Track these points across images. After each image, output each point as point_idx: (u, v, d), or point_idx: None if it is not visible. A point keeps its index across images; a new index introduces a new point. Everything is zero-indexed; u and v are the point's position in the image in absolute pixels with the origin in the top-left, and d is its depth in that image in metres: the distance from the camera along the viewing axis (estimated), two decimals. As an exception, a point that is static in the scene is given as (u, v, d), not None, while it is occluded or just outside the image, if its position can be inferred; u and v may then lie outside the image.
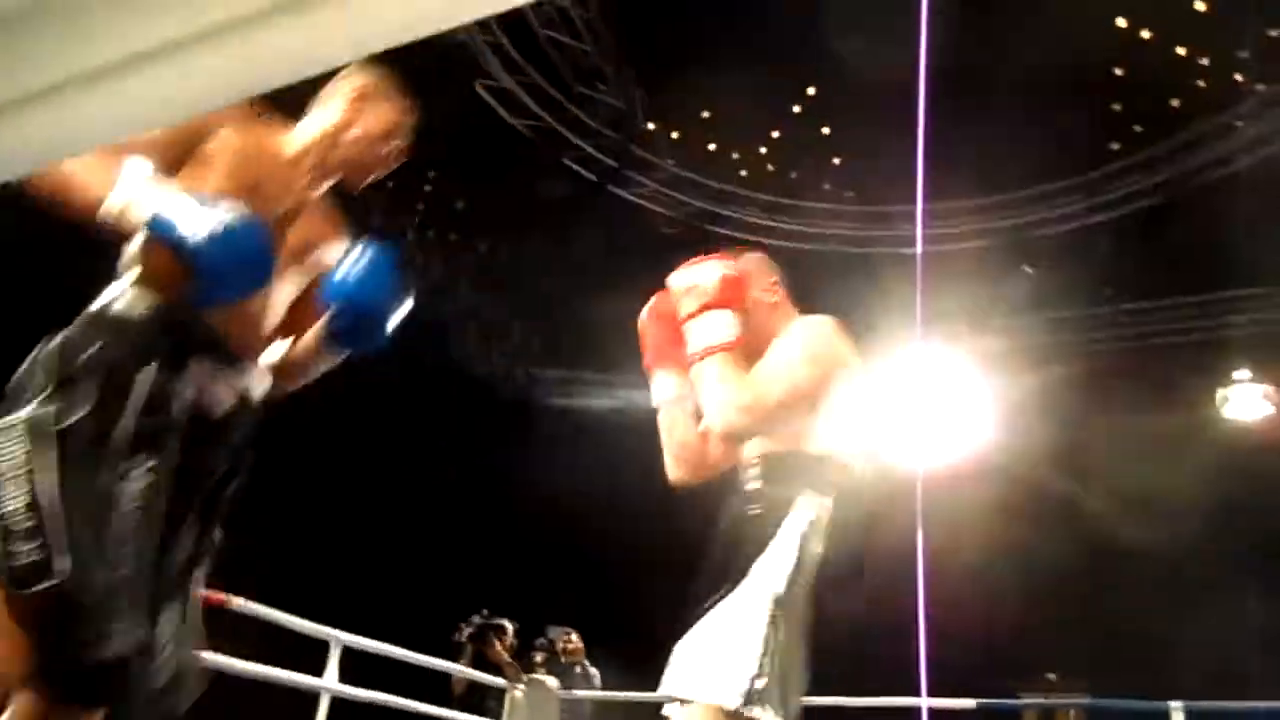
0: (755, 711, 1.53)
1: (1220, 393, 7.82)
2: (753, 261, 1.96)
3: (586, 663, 6.52)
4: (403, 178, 8.45)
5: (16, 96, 0.49)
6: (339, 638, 4.82)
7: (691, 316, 1.69)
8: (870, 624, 7.06)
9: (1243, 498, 8.08)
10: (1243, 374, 7.77)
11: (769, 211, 9.02)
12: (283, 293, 1.59)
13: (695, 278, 1.73)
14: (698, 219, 8.95)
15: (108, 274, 1.47)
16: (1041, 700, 10.34)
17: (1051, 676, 10.48)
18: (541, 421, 9.80)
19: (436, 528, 8.88)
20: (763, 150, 9.10)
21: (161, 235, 1.35)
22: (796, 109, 8.67)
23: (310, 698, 4.74)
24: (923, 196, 7.87)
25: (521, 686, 6.07)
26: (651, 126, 8.83)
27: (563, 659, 6.40)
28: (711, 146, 9.04)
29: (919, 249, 7.89)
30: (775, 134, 8.95)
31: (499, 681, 6.04)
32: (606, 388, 9.97)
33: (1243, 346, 7.81)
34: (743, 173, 9.11)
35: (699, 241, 8.86)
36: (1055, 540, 8.76)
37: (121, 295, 1.42)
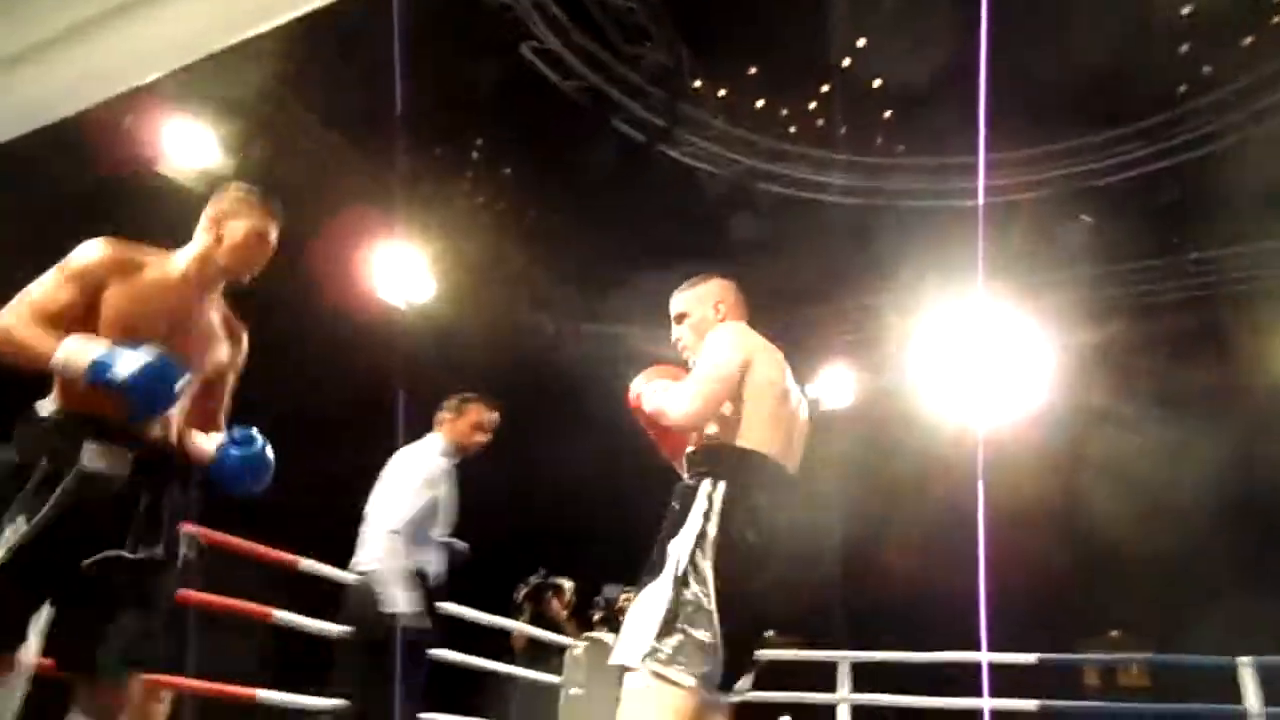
0: (662, 669, 1.89)
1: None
2: (713, 285, 2.48)
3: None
4: (450, 145, 8.51)
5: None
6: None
7: (640, 399, 2.26)
8: (931, 580, 7.03)
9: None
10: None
11: (820, 168, 8.89)
12: (191, 387, 2.02)
13: (636, 384, 2.30)
14: (748, 177, 8.85)
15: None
16: (1103, 656, 10.26)
17: (1114, 633, 10.35)
18: (593, 384, 9.86)
19: (494, 488, 9.01)
20: (812, 105, 8.94)
21: (99, 378, 1.81)
22: (846, 62, 8.49)
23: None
24: (984, 147, 7.70)
25: (580, 644, 6.18)
26: (699, 84, 8.73)
27: (620, 617, 6.47)
28: (760, 103, 8.91)
29: (980, 200, 7.74)
30: (824, 88, 8.78)
31: (558, 639, 6.15)
32: (656, 348, 9.98)
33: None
34: (792, 129, 8.96)
35: (750, 202, 8.79)
36: (1119, 495, 8.60)
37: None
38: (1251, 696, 4.66)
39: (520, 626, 6.03)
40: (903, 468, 8.90)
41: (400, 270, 8.23)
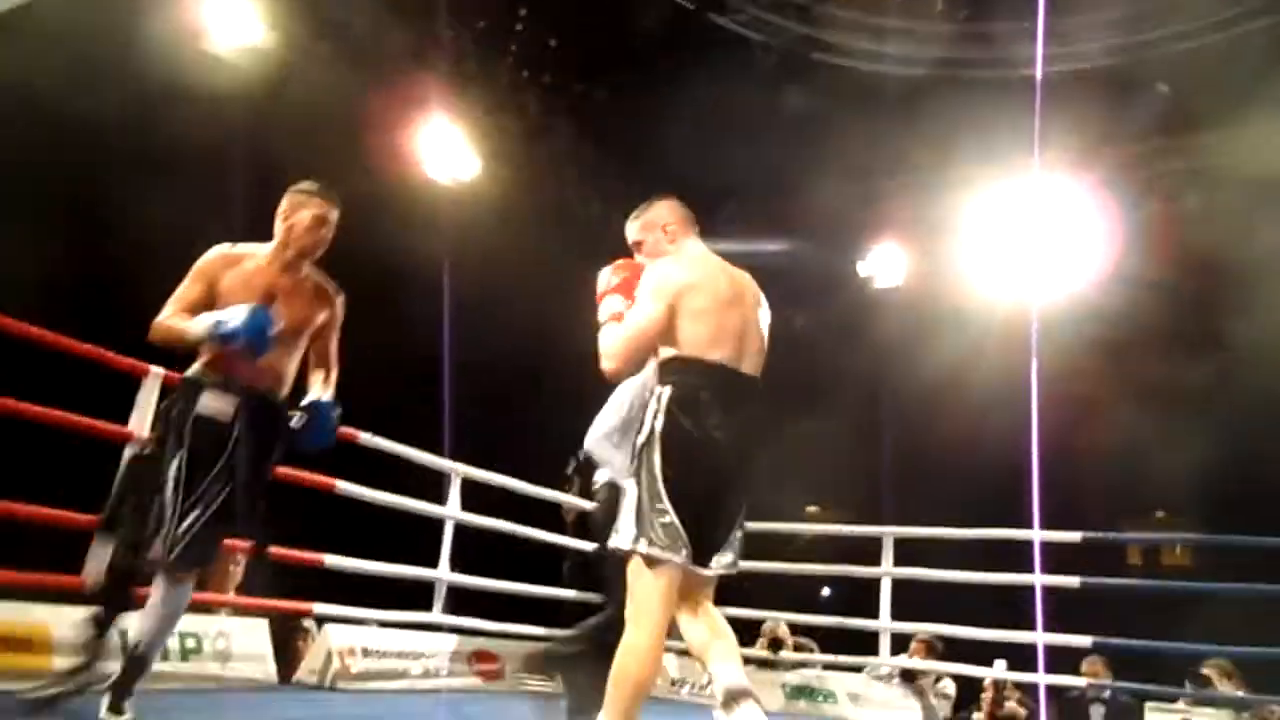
0: (647, 551, 2.23)
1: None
2: (657, 211, 2.74)
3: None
4: (493, 19, 8.25)
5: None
6: (458, 469, 5.11)
7: (599, 298, 2.53)
8: (982, 459, 7.07)
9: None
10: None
11: (876, 37, 8.48)
12: (294, 347, 2.80)
13: (602, 278, 2.56)
14: (802, 47, 8.48)
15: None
16: (1148, 535, 10.33)
17: (1160, 514, 10.39)
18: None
19: (544, 368, 9.15)
20: (869, -32, 8.47)
21: (216, 332, 2.56)
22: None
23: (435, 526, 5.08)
24: (1044, 11, 7.26)
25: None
26: (749, -53, 8.30)
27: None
28: (814, -34, 8.46)
29: (1039, 70, 7.35)
30: (882, -51, 8.30)
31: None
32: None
33: None
34: (847, -5, 8.52)
35: (802, 73, 8.45)
36: (1170, 376, 8.47)
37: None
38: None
39: (570, 499, 6.22)
40: (954, 347, 8.82)
41: (445, 147, 8.15)
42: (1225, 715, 4.96)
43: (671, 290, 2.37)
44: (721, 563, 2.37)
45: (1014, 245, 8.11)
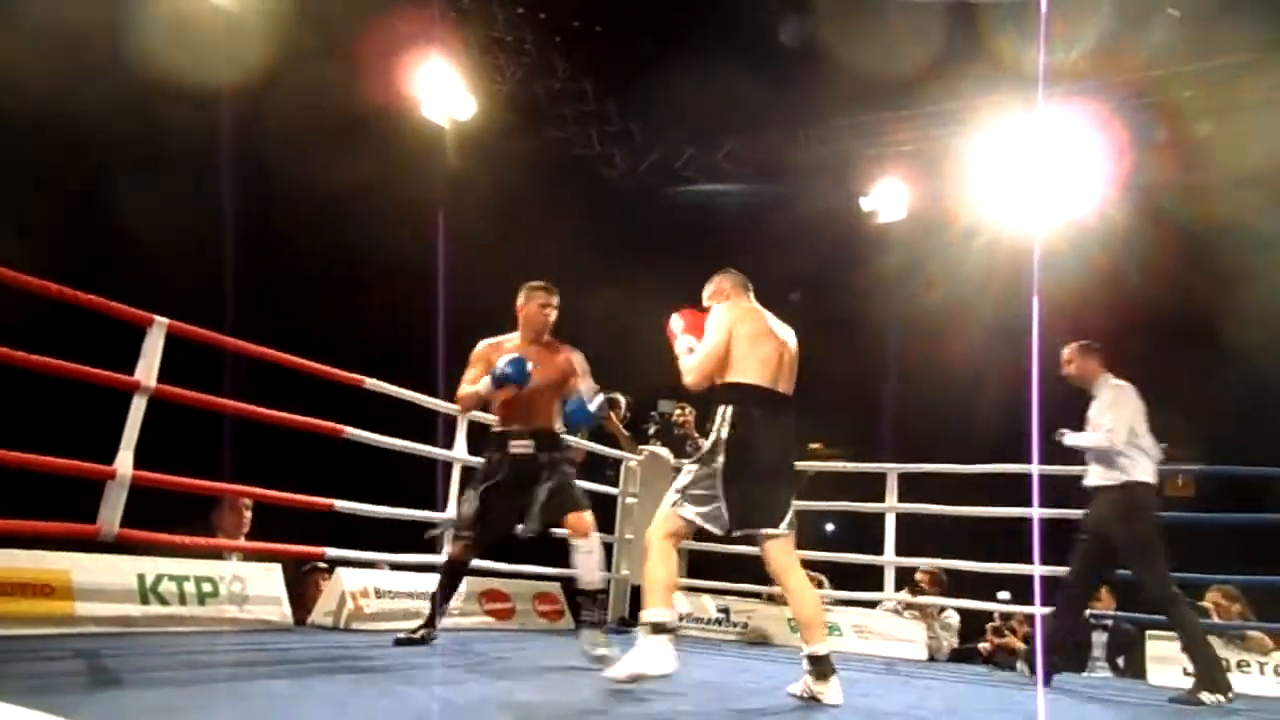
0: (676, 508, 3.22)
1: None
2: (718, 282, 3.57)
3: (697, 434, 6.79)
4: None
5: None
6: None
7: (672, 337, 3.49)
8: (984, 392, 7.07)
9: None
10: None
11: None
12: (552, 395, 4.10)
13: (674, 323, 3.49)
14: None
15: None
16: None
17: (1163, 445, 10.42)
18: (645, 199, 9.73)
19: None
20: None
21: (494, 378, 3.86)
22: None
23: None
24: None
25: (637, 457, 6.40)
26: None
27: (675, 431, 6.67)
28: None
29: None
30: None
31: (615, 453, 6.38)
32: (709, 155, 9.73)
33: None
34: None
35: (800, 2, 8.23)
36: (1173, 305, 8.44)
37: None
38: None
39: (578, 441, 6.24)
40: (956, 281, 8.77)
41: (441, 87, 8.01)
42: (1223, 640, 5.04)
43: (727, 324, 3.29)
44: (746, 531, 3.23)
45: (1017, 176, 8.01)
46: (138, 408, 3.59)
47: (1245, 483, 5.76)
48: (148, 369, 3.62)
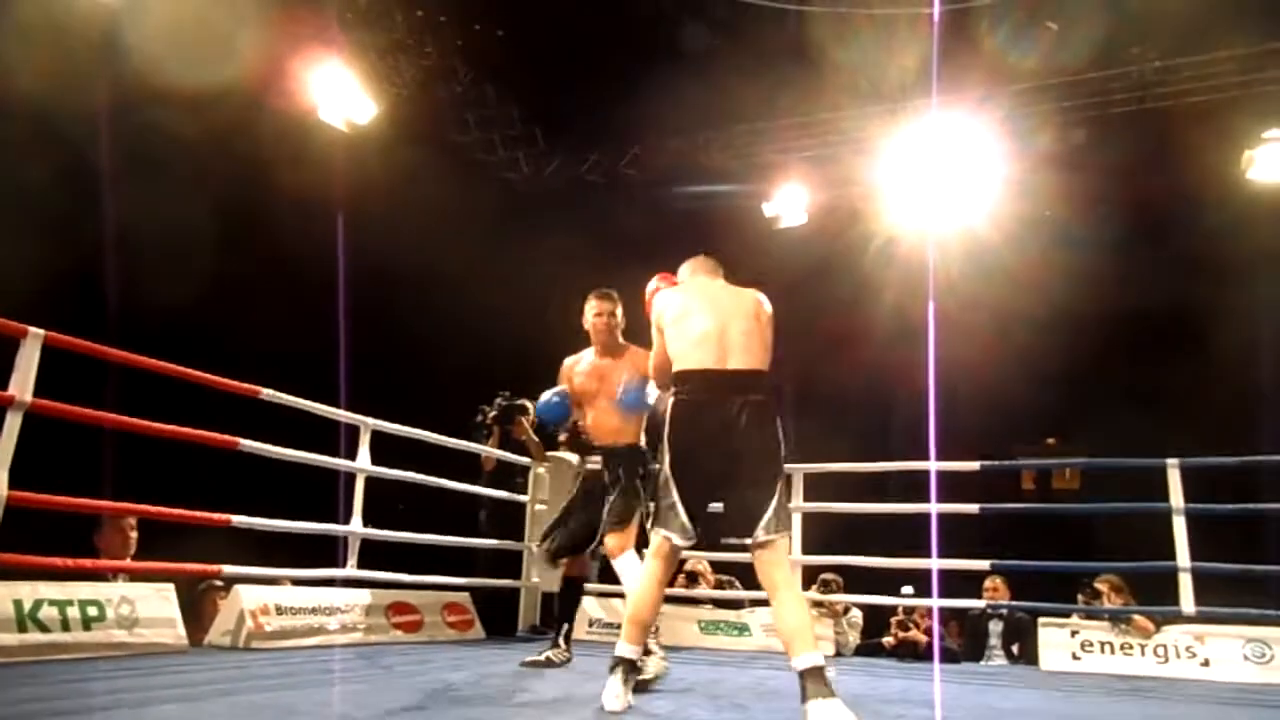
0: (656, 528, 2.93)
1: (1247, 154, 7.57)
2: (681, 269, 3.43)
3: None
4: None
5: None
6: (368, 423, 5.01)
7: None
8: (886, 392, 7.27)
9: (1260, 260, 8.05)
10: (1273, 133, 7.48)
11: (779, -26, 8.42)
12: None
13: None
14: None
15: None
16: (1040, 461, 10.86)
17: (1050, 440, 10.91)
18: (551, 205, 9.69)
19: (452, 312, 9.00)
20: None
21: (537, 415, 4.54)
22: None
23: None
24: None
25: (544, 465, 6.36)
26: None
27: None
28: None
29: (936, 9, 7.43)
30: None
31: (524, 460, 6.32)
32: (619, 166, 9.76)
33: (1276, 102, 7.49)
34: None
35: (703, 8, 8.32)
36: (1059, 306, 8.84)
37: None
38: (1176, 494, 5.00)
39: (485, 449, 6.17)
40: (856, 283, 9.00)
41: (340, 90, 7.81)
42: (1108, 626, 5.30)
43: (655, 319, 3.16)
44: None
45: (914, 181, 8.27)
46: (12, 424, 3.38)
47: (1129, 474, 6.06)
48: (22, 383, 3.42)
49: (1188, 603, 4.86)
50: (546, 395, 4.17)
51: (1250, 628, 4.98)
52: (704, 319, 2.94)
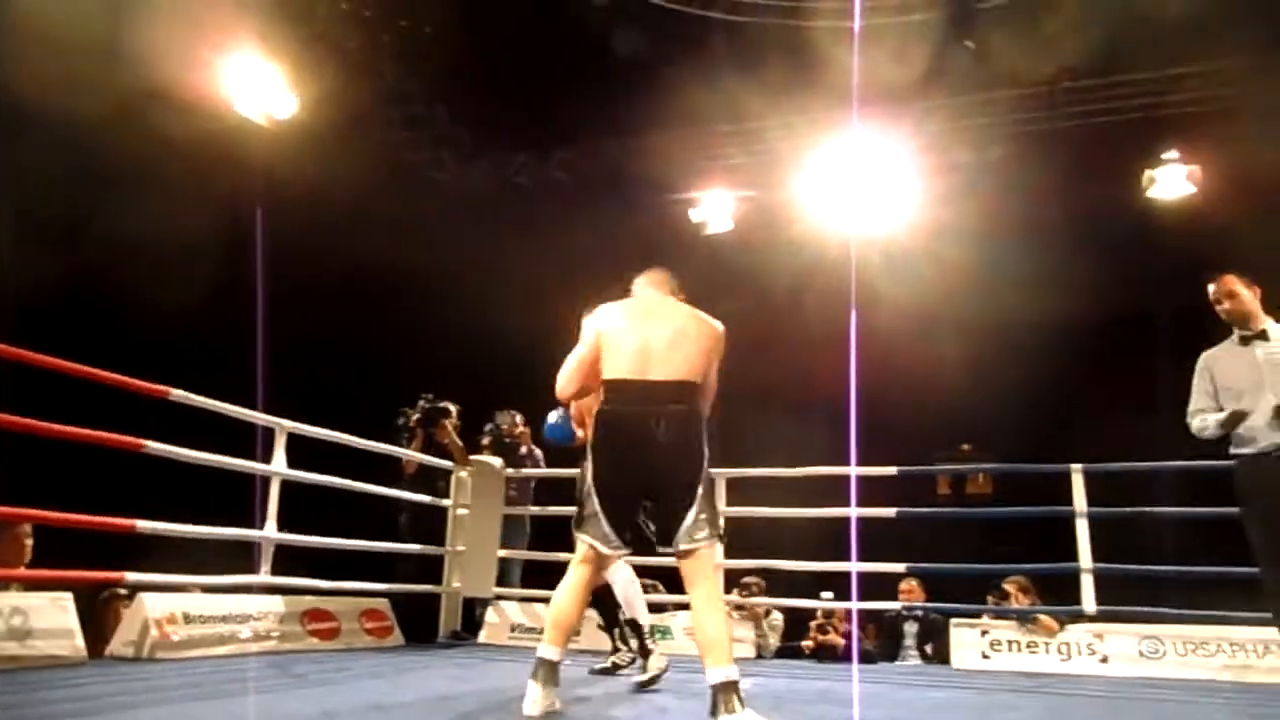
0: (580, 535, 2.97)
1: (1148, 174, 7.93)
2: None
3: (532, 445, 6.74)
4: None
5: None
6: (283, 425, 4.89)
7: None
8: (808, 398, 7.37)
9: (1157, 277, 8.44)
10: (1171, 154, 7.85)
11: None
12: None
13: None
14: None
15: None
16: (955, 466, 11.18)
17: (966, 446, 11.25)
18: (475, 207, 9.60)
19: (379, 316, 8.86)
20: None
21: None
22: None
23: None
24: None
25: (467, 469, 6.29)
26: None
27: (507, 440, 6.59)
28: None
29: (857, 23, 7.60)
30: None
31: (447, 464, 6.25)
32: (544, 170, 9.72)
33: (1175, 126, 7.86)
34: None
35: (633, 15, 8.36)
36: (974, 315, 9.12)
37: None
38: (1079, 499, 5.21)
39: (406, 453, 6.08)
40: (781, 290, 9.14)
41: (259, 83, 7.61)
42: (1015, 625, 5.48)
43: (592, 327, 3.12)
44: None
45: (837, 191, 8.43)
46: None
47: (1038, 479, 6.27)
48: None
49: (1089, 602, 5.06)
50: (552, 417, 4.00)
51: (1145, 625, 5.20)
52: (635, 331, 2.98)
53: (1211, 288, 3.81)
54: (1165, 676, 4.90)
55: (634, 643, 3.95)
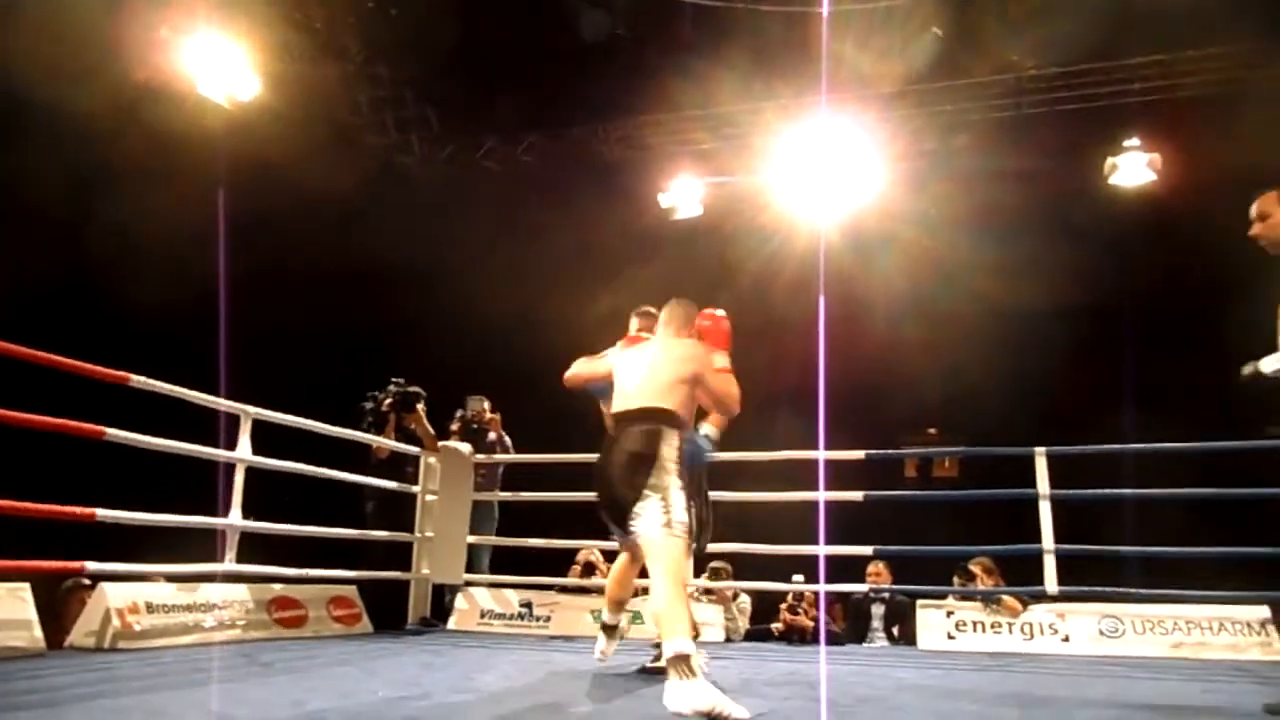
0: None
1: (1110, 161, 8.02)
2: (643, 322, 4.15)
3: (501, 430, 6.73)
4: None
5: None
6: (249, 411, 4.83)
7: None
8: (776, 382, 7.39)
9: (1121, 264, 8.56)
10: (1132, 142, 7.95)
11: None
12: None
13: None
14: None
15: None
16: (922, 450, 11.30)
17: (932, 430, 11.36)
18: (443, 188, 9.51)
19: (343, 298, 8.77)
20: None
21: None
22: None
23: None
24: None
25: (436, 455, 6.26)
26: None
27: (476, 426, 6.57)
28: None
29: (825, 9, 7.60)
30: None
31: (414, 450, 6.21)
32: (515, 150, 9.65)
33: (1137, 114, 7.95)
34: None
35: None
36: (941, 301, 9.20)
37: None
38: (1043, 482, 5.29)
39: (374, 439, 6.04)
40: (750, 274, 9.15)
41: (219, 63, 7.47)
42: (980, 606, 5.56)
43: (611, 359, 3.65)
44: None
45: (806, 177, 8.45)
46: None
47: (1003, 463, 6.36)
48: None
49: (1051, 583, 5.14)
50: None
51: (1105, 605, 5.31)
52: (635, 371, 3.43)
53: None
54: (1124, 654, 5.01)
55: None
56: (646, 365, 3.45)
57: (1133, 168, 7.99)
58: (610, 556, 6.79)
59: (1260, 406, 3.27)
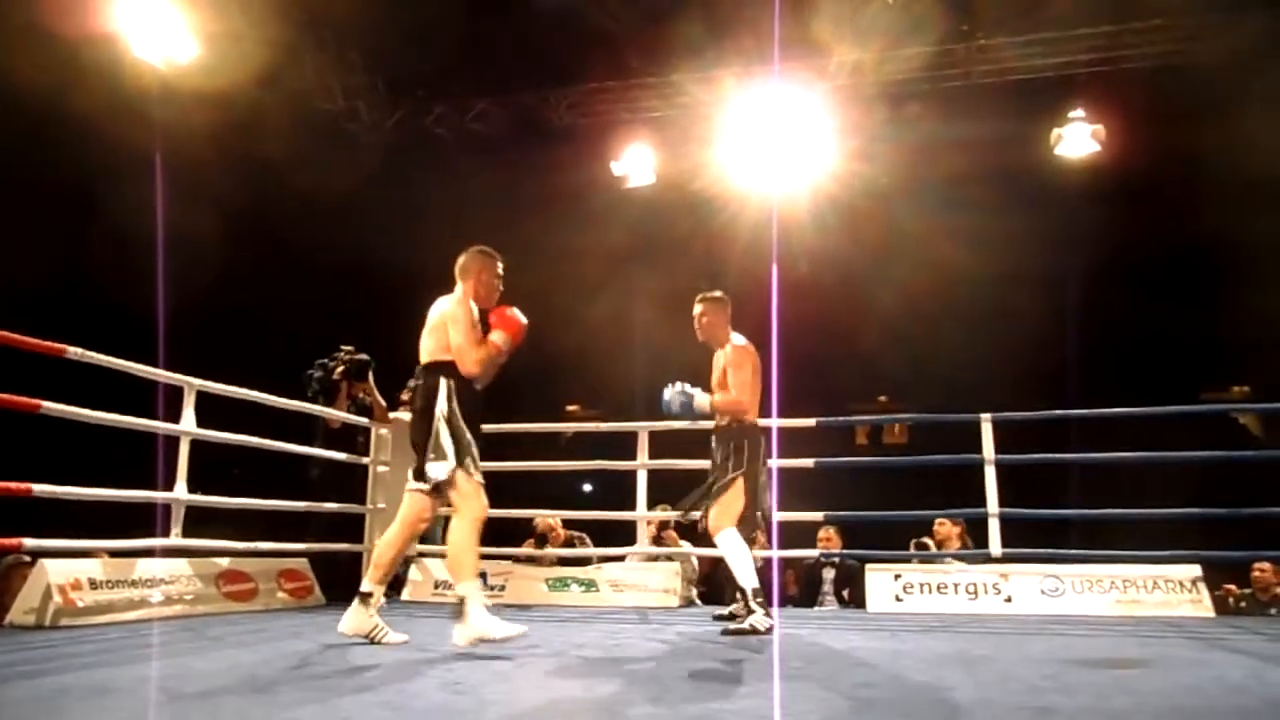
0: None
1: (1055, 131, 8.14)
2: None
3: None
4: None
5: None
6: (192, 383, 4.72)
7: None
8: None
9: (1064, 234, 8.73)
10: (1077, 113, 8.07)
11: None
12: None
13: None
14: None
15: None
16: (872, 418, 11.48)
17: (883, 398, 11.55)
18: (392, 154, 9.34)
19: (293, 265, 8.60)
20: None
21: None
22: None
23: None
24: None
25: (387, 426, 6.19)
26: None
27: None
28: None
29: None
30: None
31: (363, 420, 6.13)
32: (464, 120, 9.50)
33: (1083, 85, 8.07)
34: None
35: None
36: (893, 269, 9.30)
37: None
38: (988, 447, 5.40)
39: (327, 411, 5.95)
40: (703, 242, 9.16)
41: (157, 24, 7.22)
42: (926, 567, 5.69)
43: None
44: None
45: (759, 146, 8.45)
46: None
47: (951, 429, 6.47)
48: None
49: (995, 545, 5.27)
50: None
51: (1046, 565, 5.46)
52: None
53: None
54: (1064, 613, 5.16)
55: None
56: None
57: (1077, 138, 8.12)
58: (573, 527, 6.86)
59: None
